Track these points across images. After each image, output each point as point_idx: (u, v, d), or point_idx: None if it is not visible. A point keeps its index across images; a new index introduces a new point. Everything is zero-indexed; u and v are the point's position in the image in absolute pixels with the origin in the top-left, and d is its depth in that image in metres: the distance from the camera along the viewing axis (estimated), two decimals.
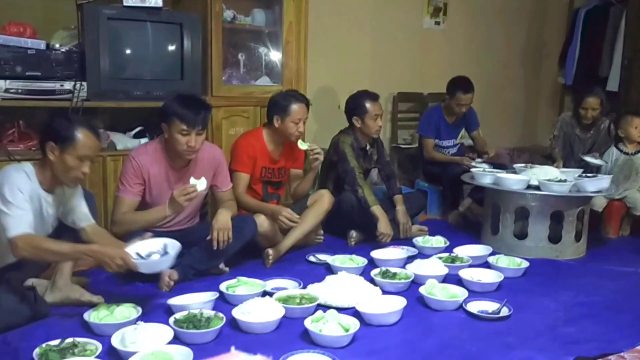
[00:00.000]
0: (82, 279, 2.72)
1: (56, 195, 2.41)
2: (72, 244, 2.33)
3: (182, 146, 2.72)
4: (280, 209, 3.14)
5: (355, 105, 3.69)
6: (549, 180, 3.41)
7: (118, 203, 2.78)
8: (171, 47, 3.51)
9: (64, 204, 2.47)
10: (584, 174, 3.65)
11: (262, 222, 3.11)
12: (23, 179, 2.26)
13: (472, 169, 3.83)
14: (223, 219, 2.80)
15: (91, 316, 2.25)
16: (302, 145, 3.21)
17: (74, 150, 2.27)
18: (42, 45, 3.14)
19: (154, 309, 2.47)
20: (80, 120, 2.40)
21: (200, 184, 2.64)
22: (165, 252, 2.42)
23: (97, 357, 1.97)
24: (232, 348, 1.71)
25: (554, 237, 3.43)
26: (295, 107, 3.23)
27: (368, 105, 3.64)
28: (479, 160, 4.15)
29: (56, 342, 2.02)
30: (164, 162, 2.82)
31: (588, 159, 4.05)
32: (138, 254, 2.35)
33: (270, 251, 3.13)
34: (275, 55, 4.04)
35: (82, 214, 2.50)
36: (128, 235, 2.55)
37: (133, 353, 1.93)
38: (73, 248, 2.29)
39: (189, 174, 2.82)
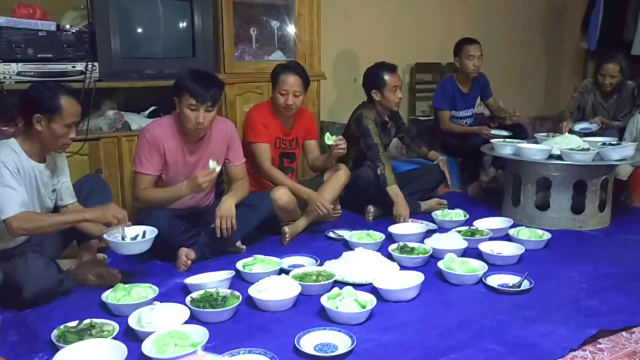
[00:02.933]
0: (101, 258, 2.75)
1: (48, 165, 2.42)
2: (65, 215, 2.42)
3: (191, 122, 2.69)
4: (319, 198, 3.11)
5: (373, 78, 3.63)
6: (571, 149, 3.32)
7: (137, 179, 2.76)
8: (182, 24, 3.46)
9: (58, 175, 2.48)
10: (608, 142, 3.55)
11: (282, 195, 3.09)
12: (8, 154, 2.27)
13: (492, 140, 3.74)
14: (226, 207, 2.77)
15: (109, 297, 2.26)
16: (329, 140, 3.14)
17: (61, 119, 2.29)
18: (52, 26, 3.11)
19: (171, 289, 2.49)
20: (60, 87, 2.38)
21: (218, 167, 2.69)
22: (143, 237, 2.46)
23: (114, 337, 1.98)
24: (199, 349, 1.72)
25: (577, 208, 3.35)
26: (283, 77, 3.17)
27: (386, 77, 3.58)
28: (499, 131, 4.04)
29: (74, 323, 2.03)
30: (178, 136, 2.79)
31: (577, 128, 3.96)
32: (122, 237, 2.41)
33: (287, 229, 3.11)
34: (287, 29, 3.97)
35: (68, 190, 2.54)
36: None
37: (150, 333, 1.93)
38: (68, 218, 2.37)
39: (203, 148, 2.83)
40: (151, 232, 2.46)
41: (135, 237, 2.44)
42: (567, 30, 6.13)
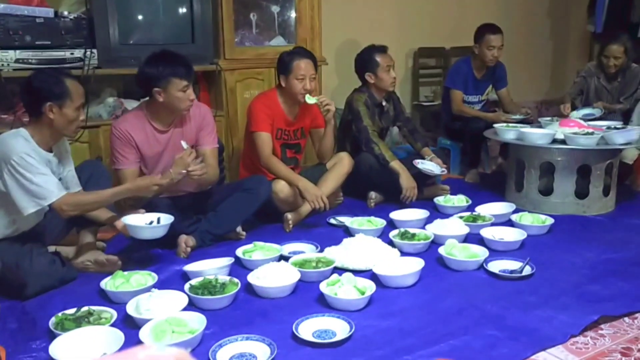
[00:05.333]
0: (100, 245, 2.75)
1: (55, 154, 2.42)
2: (110, 189, 2.47)
3: (185, 103, 2.67)
4: (315, 191, 3.03)
5: (365, 60, 3.59)
6: (575, 133, 3.27)
7: (120, 177, 2.73)
8: (181, 10, 3.44)
9: (64, 164, 2.48)
10: (613, 126, 3.50)
11: (282, 187, 3.06)
12: (25, 144, 2.25)
13: (495, 124, 3.69)
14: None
15: (107, 284, 2.26)
16: (310, 100, 3.09)
17: (72, 103, 2.30)
18: (50, 13, 3.09)
19: (171, 276, 2.48)
20: (60, 71, 2.39)
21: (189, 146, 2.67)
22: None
23: (112, 325, 1.97)
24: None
25: (581, 192, 3.31)
26: (298, 63, 3.11)
27: (378, 58, 3.55)
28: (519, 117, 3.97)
29: (72, 310, 2.03)
30: (148, 126, 2.74)
31: (580, 114, 3.91)
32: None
33: (290, 215, 3.09)
34: (288, 14, 3.93)
35: (73, 178, 2.53)
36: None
37: (148, 320, 1.92)
38: (112, 192, 2.44)
39: (177, 132, 2.79)
40: (167, 218, 2.48)
41: (150, 223, 2.46)
42: (573, 13, 6.05)
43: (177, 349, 0.46)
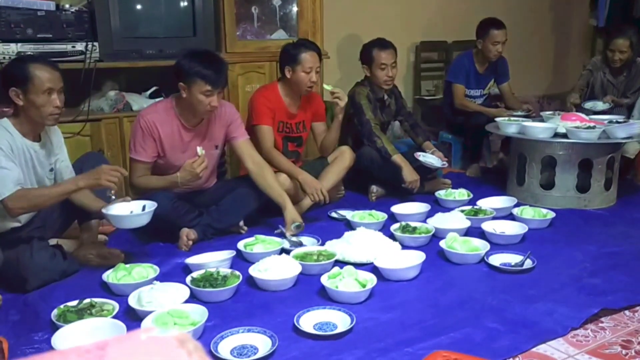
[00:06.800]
0: (102, 239, 2.76)
1: (43, 143, 2.40)
2: (59, 185, 2.35)
3: (205, 106, 2.64)
4: (315, 183, 3.05)
5: (365, 53, 3.59)
6: (577, 127, 3.27)
7: (132, 166, 2.73)
8: (182, 3, 3.43)
9: (55, 154, 2.46)
10: (615, 120, 3.50)
11: (284, 180, 3.07)
12: (1, 134, 2.23)
13: (497, 118, 3.69)
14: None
15: (109, 276, 2.27)
16: (326, 86, 3.18)
17: (35, 87, 2.24)
18: (51, 6, 3.09)
19: (172, 269, 2.48)
20: (32, 57, 2.35)
21: (203, 151, 2.66)
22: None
23: (114, 317, 1.98)
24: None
25: (582, 186, 3.31)
26: (305, 56, 3.12)
27: (375, 53, 3.52)
28: (521, 113, 3.96)
29: (74, 302, 2.04)
30: (175, 121, 2.74)
31: (587, 106, 3.90)
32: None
33: None
34: (290, 7, 3.92)
35: (67, 168, 2.51)
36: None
37: (150, 312, 1.93)
38: (62, 189, 2.29)
39: (203, 131, 2.80)
40: (151, 205, 2.44)
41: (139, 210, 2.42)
42: (575, 7, 6.02)
43: (179, 332, 0.46)
